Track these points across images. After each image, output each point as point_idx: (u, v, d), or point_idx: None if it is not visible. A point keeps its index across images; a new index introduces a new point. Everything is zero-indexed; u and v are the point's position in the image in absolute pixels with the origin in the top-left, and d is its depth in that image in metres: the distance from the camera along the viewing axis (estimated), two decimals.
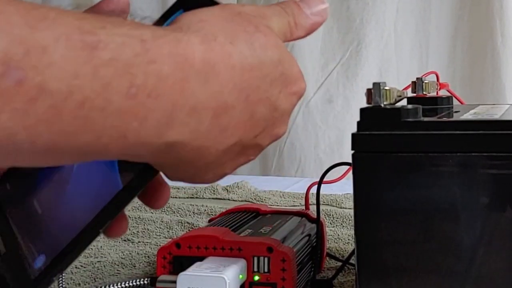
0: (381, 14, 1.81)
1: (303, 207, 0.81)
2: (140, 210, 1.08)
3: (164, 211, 1.10)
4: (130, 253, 0.85)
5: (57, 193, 0.45)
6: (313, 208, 0.77)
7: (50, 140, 0.32)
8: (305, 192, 0.80)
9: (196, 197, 1.24)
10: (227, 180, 1.37)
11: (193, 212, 1.10)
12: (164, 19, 0.46)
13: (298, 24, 0.45)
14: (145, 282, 0.68)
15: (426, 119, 0.52)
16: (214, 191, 1.26)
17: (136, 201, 0.44)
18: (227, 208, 0.83)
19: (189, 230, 0.97)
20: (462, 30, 1.80)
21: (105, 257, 0.84)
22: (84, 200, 0.44)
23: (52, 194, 0.45)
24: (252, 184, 1.33)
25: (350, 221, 1.01)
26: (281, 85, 0.41)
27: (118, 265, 0.81)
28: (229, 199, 1.22)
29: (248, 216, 0.76)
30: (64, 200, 0.45)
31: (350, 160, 0.52)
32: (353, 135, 0.52)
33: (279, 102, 0.41)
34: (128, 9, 0.47)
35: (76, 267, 0.79)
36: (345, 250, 0.86)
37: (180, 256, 0.63)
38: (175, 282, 0.58)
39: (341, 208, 1.11)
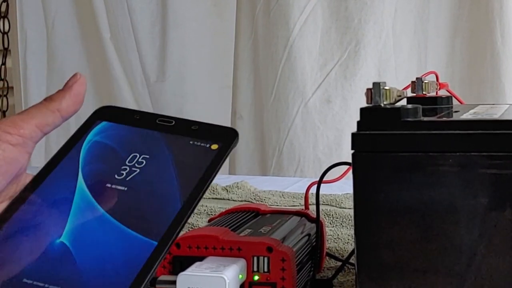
0: (379, 14, 1.81)
1: (303, 207, 0.81)
2: None
3: None
4: None
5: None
6: (312, 208, 0.77)
7: None
8: (304, 192, 0.80)
9: None
10: (227, 180, 1.37)
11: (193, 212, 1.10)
12: (86, 129, 0.46)
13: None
14: None
15: (426, 119, 0.52)
16: (214, 191, 1.26)
17: None
18: (226, 208, 0.83)
19: (188, 230, 0.97)
20: (461, 30, 1.80)
21: None
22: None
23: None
24: (251, 184, 1.33)
25: (350, 221, 1.01)
26: None
27: None
28: (228, 199, 1.22)
29: (247, 216, 0.76)
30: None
31: (349, 160, 0.52)
32: (353, 134, 0.52)
33: None
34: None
35: None
36: (345, 250, 0.86)
37: (180, 256, 0.63)
38: (175, 282, 0.58)
39: (340, 208, 1.11)
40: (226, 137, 0.45)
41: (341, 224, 1.01)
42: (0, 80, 2.39)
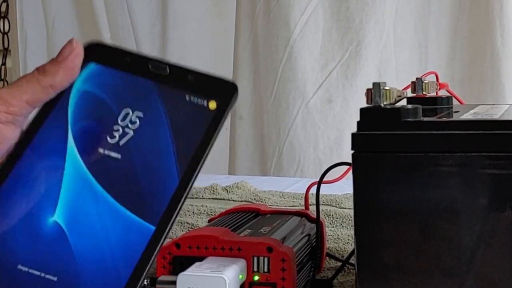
0: (380, 14, 1.81)
1: (303, 207, 0.81)
2: None
3: None
4: None
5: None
6: (312, 208, 0.77)
7: None
8: (304, 192, 0.80)
9: (196, 197, 1.24)
10: (227, 181, 1.37)
11: (193, 212, 1.10)
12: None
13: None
14: (145, 282, 0.68)
15: (426, 119, 0.52)
16: (213, 191, 1.26)
17: None
18: (226, 208, 0.83)
19: (188, 230, 0.97)
20: (461, 30, 1.80)
21: None
22: None
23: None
24: (251, 184, 1.33)
25: (350, 221, 1.00)
26: None
27: None
28: (228, 199, 1.22)
29: (247, 216, 0.76)
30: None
31: (349, 160, 0.52)
32: (353, 135, 0.52)
33: None
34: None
35: None
36: (345, 250, 0.86)
37: (180, 256, 0.63)
38: (175, 282, 0.58)
39: (340, 208, 1.11)
40: (225, 92, 0.41)
41: (341, 224, 1.01)
42: (0, 80, 2.39)
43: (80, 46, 0.41)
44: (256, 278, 0.62)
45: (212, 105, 0.41)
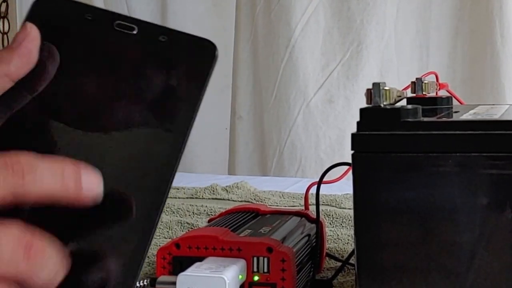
0: (381, 14, 1.81)
1: (303, 207, 0.81)
2: None
3: (164, 211, 1.09)
4: None
5: None
6: (312, 208, 0.77)
7: None
8: (304, 192, 0.80)
9: (196, 198, 1.24)
10: (227, 181, 1.37)
11: (193, 212, 1.10)
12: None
13: None
14: (145, 283, 0.68)
15: (425, 119, 0.52)
16: (213, 191, 1.26)
17: None
18: (226, 208, 0.83)
19: (188, 230, 0.97)
20: (462, 30, 1.80)
21: None
22: None
23: None
24: (251, 184, 1.33)
25: (350, 221, 1.00)
26: None
27: None
28: (228, 199, 1.22)
29: (247, 216, 0.76)
30: None
31: (350, 160, 0.52)
32: (353, 135, 0.51)
33: None
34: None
35: None
36: (345, 250, 0.86)
37: (179, 256, 0.63)
38: (175, 282, 0.58)
39: (340, 208, 1.11)
40: (203, 52, 0.36)
41: (341, 224, 1.00)
42: None
43: (35, 30, 0.37)
44: (256, 278, 0.62)
45: (190, 69, 0.36)
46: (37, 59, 0.36)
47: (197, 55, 0.36)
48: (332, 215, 1.04)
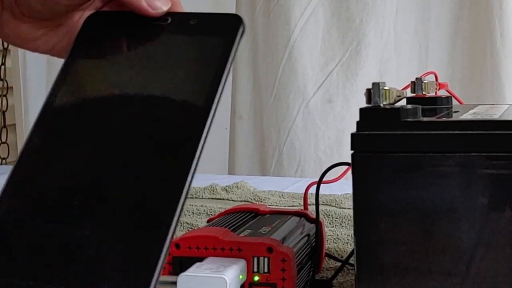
0: (380, 14, 1.81)
1: (302, 207, 0.81)
2: None
3: None
4: None
5: None
6: (312, 208, 0.77)
7: None
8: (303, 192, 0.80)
9: (195, 197, 1.24)
10: (227, 181, 1.37)
11: (192, 212, 1.10)
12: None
13: None
14: None
15: (425, 119, 0.52)
16: (213, 191, 1.26)
17: None
18: (226, 208, 0.83)
19: (188, 230, 0.97)
20: (461, 30, 1.80)
21: None
22: None
23: None
24: (251, 184, 1.33)
25: (349, 221, 1.00)
26: None
27: None
28: (228, 199, 1.22)
29: (247, 216, 0.76)
30: None
31: (350, 160, 0.52)
32: (352, 135, 0.52)
33: None
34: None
35: None
36: (344, 250, 0.86)
37: (179, 256, 0.63)
38: (175, 283, 0.58)
39: (340, 208, 1.10)
40: (231, 26, 0.43)
41: (340, 224, 1.00)
42: (0, 80, 2.39)
43: None
44: (256, 278, 0.62)
45: (220, 41, 0.42)
46: None
47: (225, 29, 0.42)
48: (332, 215, 1.04)
